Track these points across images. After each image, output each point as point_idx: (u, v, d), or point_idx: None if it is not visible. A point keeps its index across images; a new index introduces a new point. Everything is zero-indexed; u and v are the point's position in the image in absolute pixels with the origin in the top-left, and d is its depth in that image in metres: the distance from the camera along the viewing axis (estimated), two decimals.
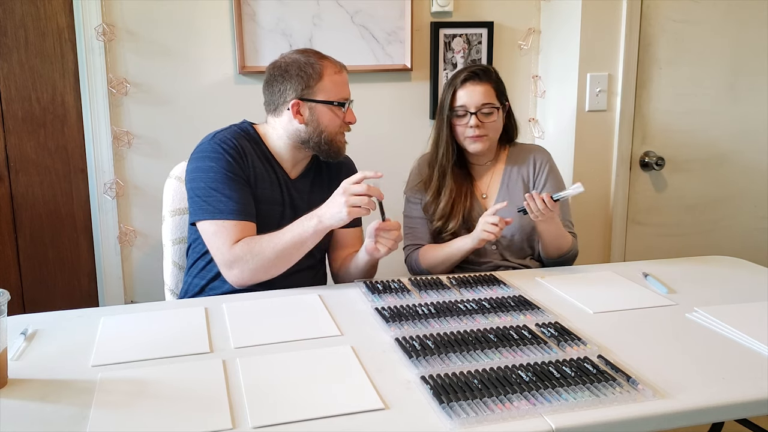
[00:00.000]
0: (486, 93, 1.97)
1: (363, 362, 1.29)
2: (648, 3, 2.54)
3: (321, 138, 1.77)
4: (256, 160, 1.77)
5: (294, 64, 1.75)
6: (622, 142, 2.60)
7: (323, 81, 1.74)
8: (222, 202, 1.68)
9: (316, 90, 1.74)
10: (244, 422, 1.09)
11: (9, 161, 2.34)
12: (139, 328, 1.48)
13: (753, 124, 2.75)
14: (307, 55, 1.77)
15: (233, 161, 1.71)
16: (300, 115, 1.75)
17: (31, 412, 1.13)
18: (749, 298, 1.63)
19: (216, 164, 1.70)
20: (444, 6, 2.56)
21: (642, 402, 1.15)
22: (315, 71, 1.74)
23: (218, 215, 1.67)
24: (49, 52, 2.32)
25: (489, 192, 2.06)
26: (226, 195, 1.68)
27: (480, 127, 1.96)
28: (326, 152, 1.80)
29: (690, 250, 2.69)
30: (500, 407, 1.12)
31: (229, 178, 1.70)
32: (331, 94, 1.75)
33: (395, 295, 1.64)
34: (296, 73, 1.74)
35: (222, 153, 1.71)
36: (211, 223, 1.68)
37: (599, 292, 1.68)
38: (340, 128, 1.78)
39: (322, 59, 1.76)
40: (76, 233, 2.45)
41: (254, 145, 1.79)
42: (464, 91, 1.97)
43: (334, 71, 1.76)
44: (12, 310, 1.29)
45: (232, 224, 1.67)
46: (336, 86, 1.76)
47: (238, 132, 1.79)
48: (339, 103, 1.76)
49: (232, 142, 1.74)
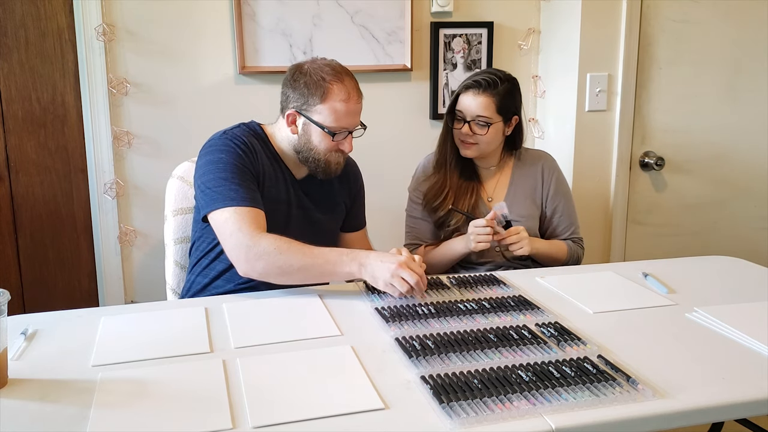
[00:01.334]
0: (484, 105, 1.96)
1: (363, 362, 1.29)
2: (648, 3, 2.54)
3: (310, 154, 1.75)
4: (264, 158, 1.77)
5: (306, 76, 1.72)
6: (621, 142, 2.61)
7: (324, 104, 1.70)
8: (233, 190, 1.65)
9: (314, 110, 1.71)
10: (244, 422, 1.09)
11: (9, 161, 2.34)
12: (140, 328, 1.48)
13: (753, 124, 2.75)
14: (325, 72, 1.71)
15: (244, 155, 1.71)
16: (294, 125, 1.75)
17: (31, 412, 1.13)
18: (749, 298, 1.63)
19: (226, 156, 1.70)
20: (444, 6, 2.56)
21: (642, 402, 1.15)
22: (319, 92, 1.70)
23: (230, 202, 1.64)
24: (49, 52, 2.32)
25: (495, 196, 2.08)
26: (237, 183, 1.66)
27: (470, 135, 1.97)
28: (315, 169, 1.78)
29: (690, 250, 2.69)
30: (500, 407, 1.12)
31: (240, 170, 1.69)
32: (328, 119, 1.71)
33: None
34: (303, 86, 1.72)
35: (233, 147, 1.72)
36: (223, 210, 1.63)
37: (599, 292, 1.68)
38: (330, 152, 1.75)
39: (335, 82, 1.70)
40: (77, 233, 2.45)
41: (263, 144, 1.79)
42: (465, 97, 1.98)
43: (341, 98, 1.70)
44: (12, 310, 1.29)
45: (247, 210, 1.63)
46: (335, 113, 1.70)
47: (247, 130, 1.79)
48: (330, 132, 1.71)
49: (242, 139, 1.74)
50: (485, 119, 1.96)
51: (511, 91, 2.00)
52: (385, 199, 2.54)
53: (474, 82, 1.97)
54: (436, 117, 2.65)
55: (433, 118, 2.65)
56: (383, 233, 2.46)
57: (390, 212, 2.42)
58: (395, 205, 2.44)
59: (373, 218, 2.11)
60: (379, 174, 2.61)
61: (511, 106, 2.00)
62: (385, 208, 2.44)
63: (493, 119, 1.96)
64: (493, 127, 1.97)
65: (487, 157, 2.07)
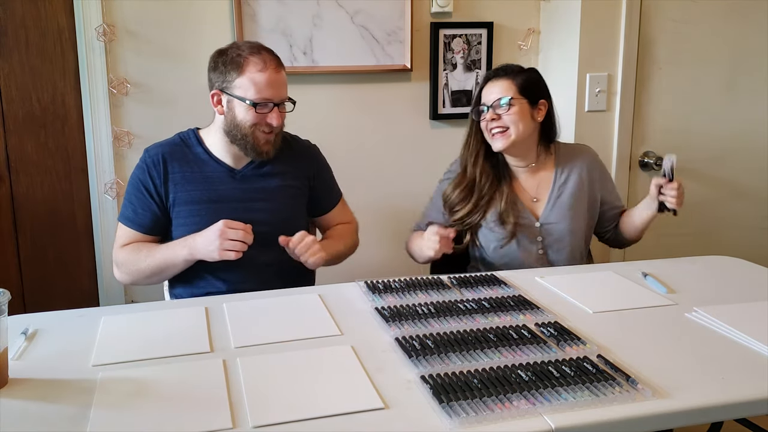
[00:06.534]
0: (503, 87, 1.93)
1: (363, 362, 1.29)
2: (648, 3, 2.54)
3: (238, 131, 1.77)
4: (183, 163, 1.83)
5: (224, 56, 1.76)
6: (621, 142, 2.60)
7: (242, 76, 1.72)
8: (125, 207, 1.84)
9: (233, 85, 1.74)
10: (244, 422, 1.09)
11: (9, 161, 2.34)
12: (139, 328, 1.48)
13: (753, 124, 2.75)
14: (241, 49, 1.76)
15: (146, 171, 1.81)
16: (220, 105, 1.78)
17: (31, 412, 1.13)
18: (749, 298, 1.63)
19: (136, 172, 1.84)
20: (444, 6, 2.56)
21: (641, 401, 1.16)
22: (236, 65, 1.73)
23: (121, 217, 1.85)
24: (49, 52, 2.32)
25: (540, 195, 2.02)
26: (129, 201, 1.84)
27: (496, 119, 1.92)
28: (245, 148, 1.79)
29: (690, 250, 2.68)
30: (500, 407, 1.12)
31: (138, 189, 1.82)
32: (249, 92, 1.72)
33: (395, 295, 1.64)
34: (221, 65, 1.76)
35: (142, 163, 1.84)
36: (118, 223, 1.86)
37: (599, 292, 1.68)
38: (256, 126, 1.75)
39: (252, 54, 1.73)
40: (77, 233, 2.45)
41: (186, 149, 1.85)
42: (485, 89, 1.97)
43: (258, 69, 1.72)
44: (12, 310, 1.29)
45: (125, 229, 1.83)
46: (255, 85, 1.72)
47: (170, 141, 1.88)
48: (252, 102, 1.72)
49: (155, 151, 1.84)
50: (507, 99, 1.91)
51: (531, 76, 1.97)
52: (384, 199, 2.55)
53: (492, 71, 1.99)
54: (436, 117, 2.65)
55: (433, 118, 2.65)
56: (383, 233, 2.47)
57: (390, 212, 2.42)
58: (395, 205, 2.44)
59: (372, 217, 2.11)
60: (379, 174, 2.61)
61: (534, 89, 1.96)
62: (384, 207, 2.44)
63: (515, 98, 1.92)
64: (517, 107, 1.92)
65: (521, 153, 2.00)
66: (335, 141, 1.92)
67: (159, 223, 1.83)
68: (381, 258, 1.72)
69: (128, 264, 1.79)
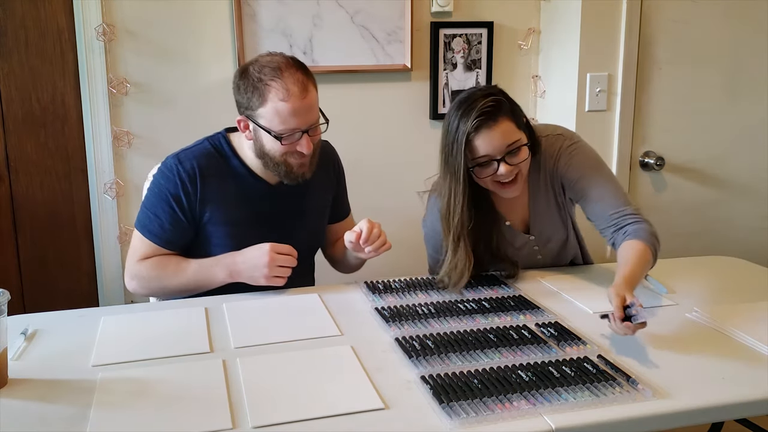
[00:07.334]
0: (507, 130, 1.60)
1: (363, 362, 1.29)
2: (648, 3, 2.54)
3: (267, 159, 1.64)
4: (220, 179, 1.69)
5: (247, 79, 1.61)
6: (621, 142, 2.60)
7: (265, 107, 1.58)
8: (149, 218, 1.69)
9: (257, 114, 1.60)
10: (244, 422, 1.09)
11: (9, 161, 2.34)
12: (139, 328, 1.48)
13: (753, 124, 2.75)
14: (263, 72, 1.59)
15: (179, 186, 1.66)
16: (248, 130, 1.65)
17: (31, 412, 1.13)
18: (749, 298, 1.63)
19: (163, 182, 1.69)
20: (444, 6, 2.56)
21: (642, 402, 1.16)
22: (258, 93, 1.58)
23: (142, 229, 1.70)
24: (49, 53, 2.32)
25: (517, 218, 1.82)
26: (155, 214, 1.68)
27: (512, 171, 1.62)
28: (279, 174, 1.67)
29: (690, 250, 2.68)
30: (500, 407, 1.12)
31: (166, 202, 1.67)
32: (273, 123, 1.58)
33: (395, 295, 1.64)
34: (244, 90, 1.61)
35: (172, 175, 1.68)
36: (136, 232, 1.72)
37: (599, 292, 1.68)
38: (287, 155, 1.63)
39: (273, 79, 1.57)
40: (76, 233, 2.45)
41: (222, 162, 1.71)
42: (482, 138, 1.59)
43: (280, 98, 1.56)
44: (12, 310, 1.29)
45: (146, 242, 1.69)
46: (278, 116, 1.57)
47: (203, 150, 1.71)
48: (276, 135, 1.59)
49: (190, 164, 1.68)
50: (517, 142, 1.62)
51: (508, 98, 1.66)
52: (384, 199, 2.55)
53: (481, 117, 1.57)
54: (436, 117, 2.65)
55: (433, 118, 2.65)
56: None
57: (389, 212, 2.41)
58: (394, 206, 2.44)
59: (372, 217, 2.09)
60: (379, 174, 2.61)
61: (518, 110, 1.67)
62: (384, 207, 2.43)
63: (521, 138, 1.63)
64: (524, 147, 1.65)
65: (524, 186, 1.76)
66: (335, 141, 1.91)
67: (187, 239, 1.71)
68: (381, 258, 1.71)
69: (151, 280, 1.67)
